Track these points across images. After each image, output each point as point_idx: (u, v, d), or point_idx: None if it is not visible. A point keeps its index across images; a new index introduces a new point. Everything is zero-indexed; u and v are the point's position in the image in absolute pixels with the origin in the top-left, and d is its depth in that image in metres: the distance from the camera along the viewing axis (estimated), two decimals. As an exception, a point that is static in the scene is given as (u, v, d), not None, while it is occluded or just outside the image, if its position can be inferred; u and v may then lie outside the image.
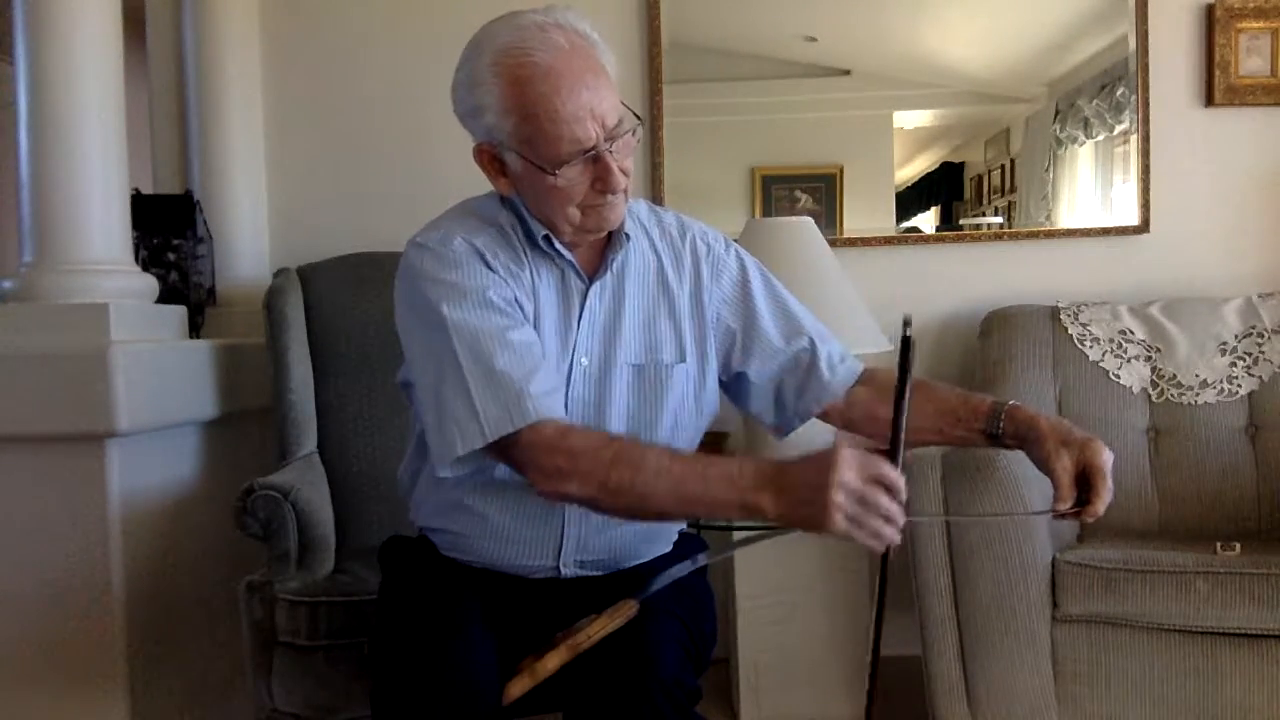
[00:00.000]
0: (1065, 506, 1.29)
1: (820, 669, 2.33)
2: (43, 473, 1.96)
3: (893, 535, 1.14)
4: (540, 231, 1.37)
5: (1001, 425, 1.36)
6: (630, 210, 1.45)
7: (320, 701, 1.90)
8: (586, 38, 1.31)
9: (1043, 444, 1.30)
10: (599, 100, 1.28)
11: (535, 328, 1.37)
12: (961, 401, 1.41)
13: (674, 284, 1.46)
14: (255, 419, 2.41)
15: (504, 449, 1.28)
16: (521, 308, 1.36)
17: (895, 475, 1.14)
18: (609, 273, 1.41)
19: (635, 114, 1.35)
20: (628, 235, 1.41)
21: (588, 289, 1.41)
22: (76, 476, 1.96)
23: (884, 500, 1.12)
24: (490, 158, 1.36)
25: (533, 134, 1.28)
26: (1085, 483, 1.28)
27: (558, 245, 1.38)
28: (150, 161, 2.78)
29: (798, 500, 1.15)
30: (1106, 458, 1.28)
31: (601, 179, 1.30)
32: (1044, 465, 1.30)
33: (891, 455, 1.16)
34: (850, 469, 1.12)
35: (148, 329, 2.10)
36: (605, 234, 1.40)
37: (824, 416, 1.49)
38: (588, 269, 1.42)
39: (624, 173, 1.32)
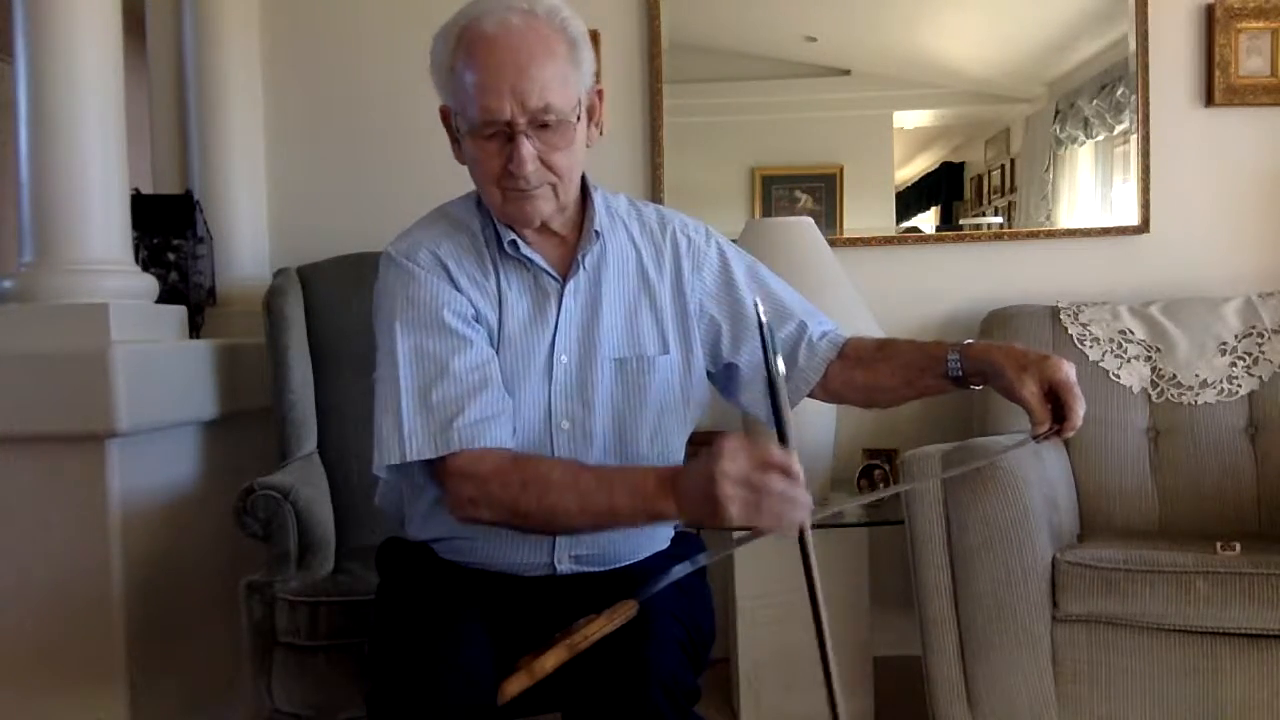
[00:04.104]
0: (1043, 429, 1.30)
1: (820, 669, 2.32)
2: (43, 473, 1.96)
3: (796, 517, 1.14)
4: (507, 236, 1.40)
5: (960, 366, 1.37)
6: (609, 205, 1.49)
7: (320, 701, 1.90)
8: (551, 24, 1.33)
9: (1003, 374, 1.32)
10: (527, 81, 1.29)
11: (501, 334, 1.40)
12: (921, 353, 1.43)
13: (654, 277, 1.47)
14: (255, 419, 2.41)
15: (430, 470, 1.32)
16: (485, 320, 1.39)
17: (784, 456, 1.13)
18: (582, 270, 1.43)
19: (590, 115, 1.39)
20: (597, 233, 1.43)
21: (562, 288, 1.42)
22: (76, 476, 1.96)
23: (776, 482, 1.12)
24: (447, 121, 1.40)
25: (456, 92, 1.34)
26: (1056, 401, 1.30)
27: (523, 250, 1.40)
28: (150, 161, 2.78)
29: (693, 500, 1.16)
30: (1068, 370, 1.30)
31: (511, 160, 1.32)
32: (1011, 394, 1.32)
33: (780, 437, 1.17)
34: (733, 458, 1.12)
35: (148, 329, 2.10)
36: (577, 231, 1.43)
37: (809, 393, 1.52)
38: (561, 268, 1.43)
39: (549, 167, 1.34)
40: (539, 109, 1.31)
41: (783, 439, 1.16)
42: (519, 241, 1.40)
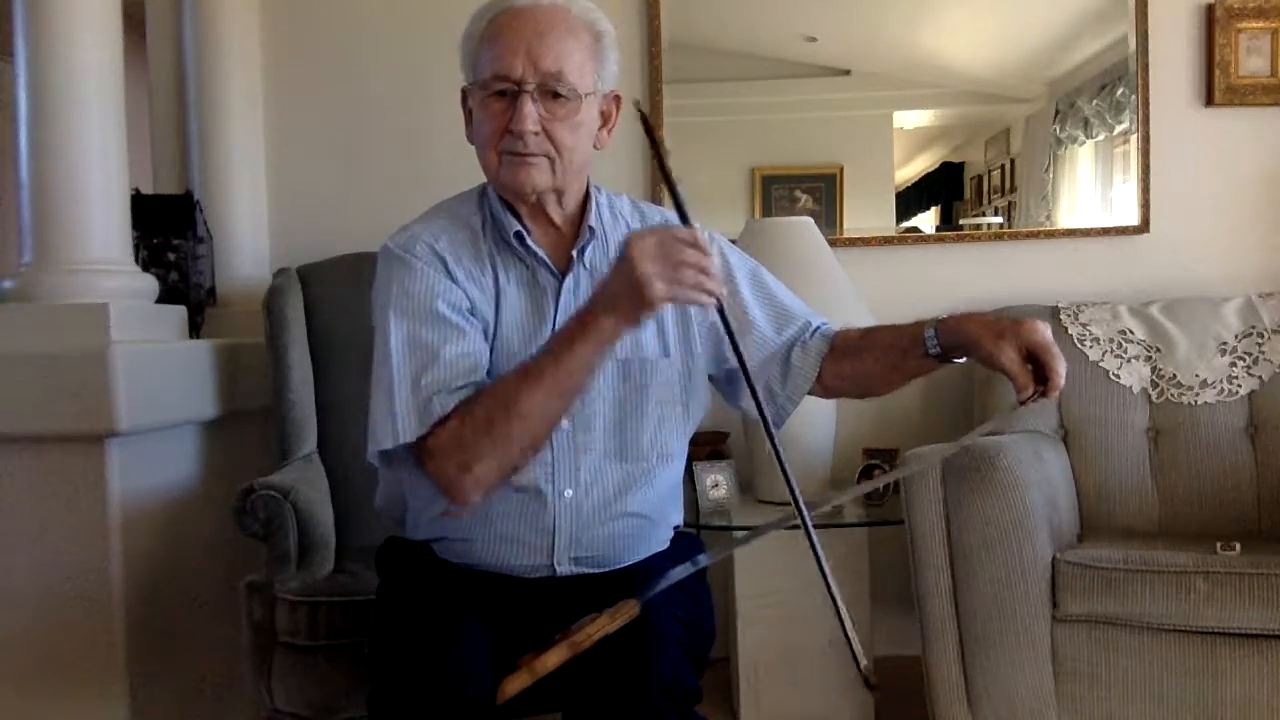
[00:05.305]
0: (1027, 394, 1.30)
1: (820, 669, 2.32)
2: (43, 473, 1.96)
3: (714, 286, 1.19)
4: (512, 228, 1.41)
5: (938, 343, 1.37)
6: (612, 205, 1.50)
7: (320, 701, 1.89)
8: (581, 16, 1.38)
9: (981, 345, 1.31)
10: (544, 47, 1.34)
11: (498, 330, 1.40)
12: (901, 335, 1.43)
13: None
14: (255, 419, 2.41)
15: (421, 461, 1.32)
16: (481, 315, 1.39)
17: (689, 231, 1.20)
18: (580, 266, 1.44)
19: (604, 119, 1.43)
20: (591, 229, 1.44)
21: (560, 284, 1.42)
22: (76, 476, 1.96)
23: (688, 252, 1.18)
24: (466, 103, 1.43)
25: (477, 60, 1.38)
26: (1037, 364, 1.29)
27: (529, 242, 1.41)
28: (150, 161, 2.77)
29: (620, 296, 1.20)
30: (1044, 331, 1.29)
31: (513, 118, 1.34)
32: (991, 363, 1.31)
33: (682, 219, 1.22)
34: (642, 238, 1.19)
35: (148, 329, 2.10)
36: (574, 224, 1.44)
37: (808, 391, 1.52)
38: (561, 264, 1.44)
39: (549, 137, 1.36)
40: (551, 72, 1.34)
41: (683, 218, 1.22)
42: (525, 234, 1.41)
